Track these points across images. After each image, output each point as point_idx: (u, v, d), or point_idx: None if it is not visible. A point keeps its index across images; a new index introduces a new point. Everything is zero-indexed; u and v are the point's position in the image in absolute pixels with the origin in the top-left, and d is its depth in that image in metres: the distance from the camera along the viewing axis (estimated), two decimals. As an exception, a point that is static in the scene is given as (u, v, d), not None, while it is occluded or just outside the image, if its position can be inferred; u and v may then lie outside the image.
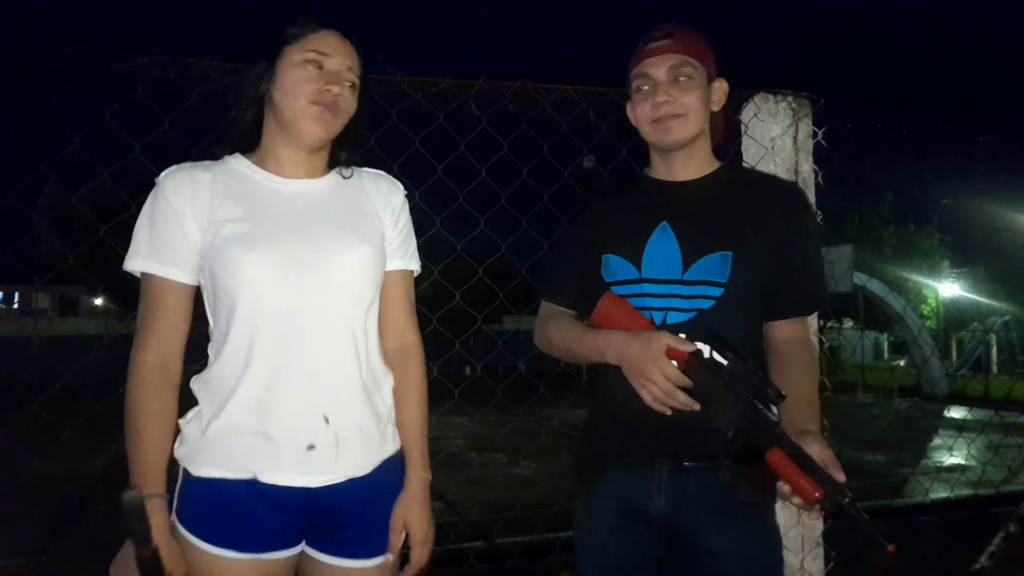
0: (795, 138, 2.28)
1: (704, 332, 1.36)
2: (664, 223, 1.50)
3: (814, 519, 1.25)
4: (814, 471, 1.20)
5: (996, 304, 19.50)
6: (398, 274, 1.49)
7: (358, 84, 1.41)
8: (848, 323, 19.54)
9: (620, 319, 1.41)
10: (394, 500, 1.42)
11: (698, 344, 1.33)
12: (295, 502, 1.30)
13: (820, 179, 2.31)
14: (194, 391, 1.35)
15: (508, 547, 3.52)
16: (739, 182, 1.56)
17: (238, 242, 1.29)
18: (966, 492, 5.80)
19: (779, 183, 1.77)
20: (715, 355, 1.32)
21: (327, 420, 1.32)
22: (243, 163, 1.40)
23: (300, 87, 1.33)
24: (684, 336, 1.35)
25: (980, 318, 20.90)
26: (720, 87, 1.54)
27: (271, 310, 1.30)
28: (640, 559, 1.47)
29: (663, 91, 1.47)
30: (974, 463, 7.32)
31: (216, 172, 1.36)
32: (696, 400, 1.32)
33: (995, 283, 19.51)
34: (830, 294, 1.60)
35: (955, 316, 21.12)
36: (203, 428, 1.30)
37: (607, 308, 1.43)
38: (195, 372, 1.37)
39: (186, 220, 1.31)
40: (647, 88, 1.50)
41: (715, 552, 1.43)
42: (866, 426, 9.07)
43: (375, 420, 1.39)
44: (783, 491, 1.24)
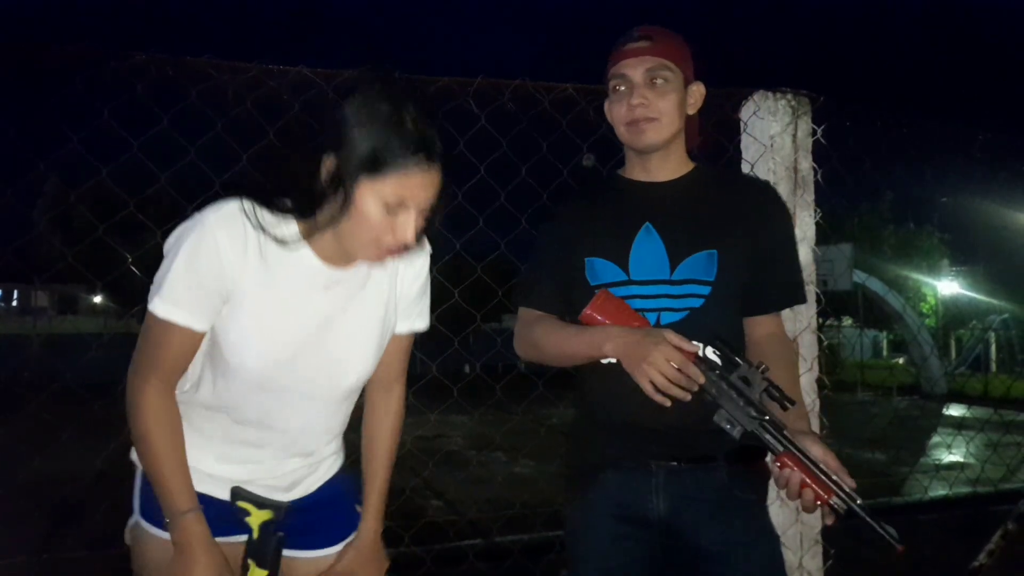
0: (794, 136, 2.28)
1: (706, 334, 1.36)
2: (647, 224, 1.50)
3: (829, 523, 1.28)
4: (824, 474, 1.25)
5: (995, 302, 19.50)
6: (406, 336, 1.47)
7: (434, 204, 1.24)
8: (847, 321, 19.52)
9: (617, 317, 1.40)
10: (348, 493, 1.46)
11: (696, 343, 1.33)
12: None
13: (819, 177, 2.31)
14: None
15: (507, 545, 3.53)
16: (714, 182, 1.58)
17: (254, 325, 1.24)
18: (965, 490, 5.80)
19: (753, 182, 1.82)
20: (713, 355, 1.32)
21: (308, 468, 1.40)
22: (292, 234, 1.25)
23: (372, 229, 1.19)
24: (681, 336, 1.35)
25: (979, 316, 20.90)
26: (697, 90, 1.54)
27: (263, 395, 1.29)
28: (641, 565, 1.46)
29: (639, 94, 1.47)
30: (973, 461, 7.33)
31: (262, 235, 1.23)
32: (700, 399, 1.31)
33: (994, 281, 19.51)
34: (803, 287, 1.63)
35: (954, 314, 21.12)
36: None
37: (602, 306, 1.41)
38: None
39: (227, 275, 1.20)
40: (623, 89, 1.50)
41: (716, 551, 1.42)
42: (865, 424, 9.07)
43: (326, 457, 1.45)
44: (792, 490, 1.28)
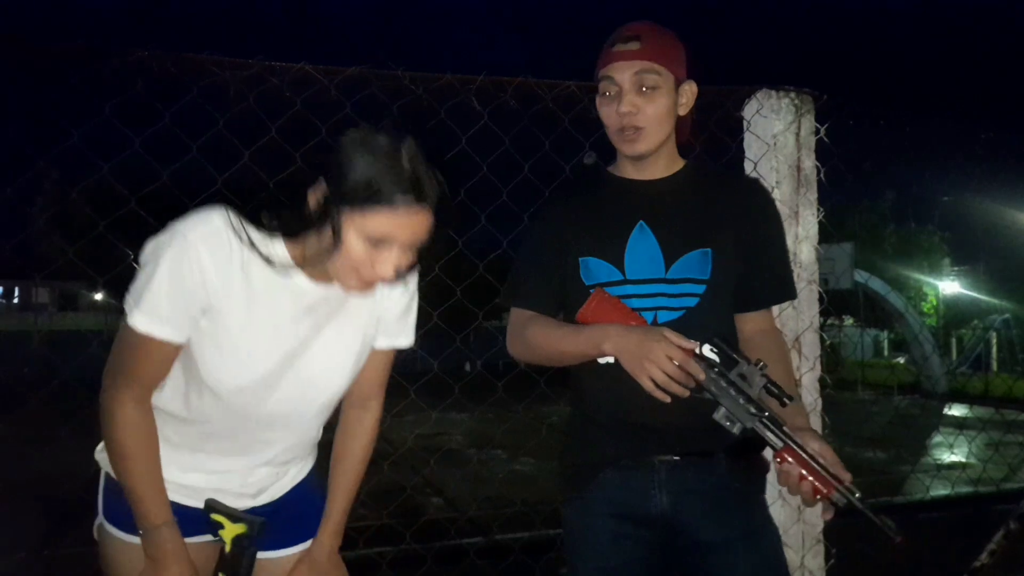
0: (797, 135, 2.27)
1: (703, 332, 1.36)
2: (641, 222, 1.49)
3: (826, 517, 1.30)
4: (824, 468, 1.27)
5: (996, 302, 19.49)
6: (386, 351, 1.44)
7: (422, 246, 1.22)
8: (849, 320, 19.51)
9: (615, 317, 1.39)
10: (315, 494, 1.45)
11: (694, 342, 1.33)
12: (204, 516, 1.33)
13: (822, 176, 2.31)
14: None
15: (507, 543, 3.53)
16: (705, 179, 1.57)
17: (234, 348, 1.22)
18: (966, 490, 5.80)
19: (742, 179, 1.83)
20: (711, 353, 1.32)
21: (276, 475, 1.40)
22: (279, 253, 1.23)
23: (355, 263, 1.16)
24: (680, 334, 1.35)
25: (980, 316, 20.89)
26: (689, 89, 1.51)
27: (245, 410, 1.28)
28: (641, 564, 1.46)
29: (627, 101, 1.45)
30: (974, 461, 7.32)
31: (246, 252, 1.20)
32: (700, 396, 1.31)
33: (995, 281, 19.51)
34: (792, 282, 1.63)
35: (955, 314, 21.11)
36: None
37: (599, 306, 1.40)
38: None
39: (210, 290, 1.18)
40: (611, 93, 1.48)
41: (719, 544, 1.43)
42: (866, 423, 9.07)
43: (295, 462, 1.44)
44: (792, 485, 1.29)
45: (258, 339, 1.23)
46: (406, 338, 1.44)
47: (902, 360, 20.43)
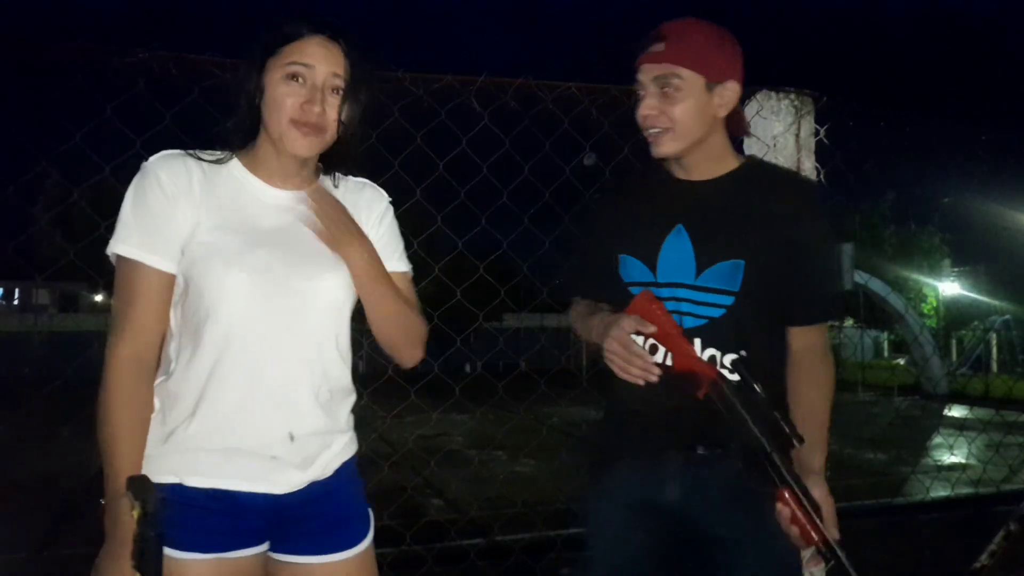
0: (797, 136, 2.27)
1: (728, 344, 1.38)
2: (679, 226, 1.47)
3: (810, 567, 1.32)
4: (817, 520, 1.29)
5: (996, 303, 19.51)
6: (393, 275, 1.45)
7: (347, 88, 1.32)
8: (849, 322, 19.52)
9: (654, 319, 1.37)
10: (354, 495, 1.41)
11: (710, 351, 1.38)
12: (257, 508, 1.28)
13: (822, 177, 2.31)
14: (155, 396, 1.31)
15: (508, 544, 3.52)
16: (756, 183, 1.51)
17: (222, 257, 1.26)
18: (967, 491, 5.79)
19: (794, 185, 1.65)
20: (729, 373, 1.33)
21: (292, 437, 1.31)
22: (237, 168, 1.35)
23: (281, 104, 1.28)
24: (699, 341, 1.40)
25: (980, 317, 20.90)
26: (728, 89, 1.45)
27: (247, 331, 1.27)
28: (653, 554, 1.47)
29: (646, 103, 1.45)
30: (975, 462, 7.32)
31: (207, 170, 1.31)
32: (712, 406, 1.32)
33: (995, 282, 19.52)
34: (842, 300, 1.62)
35: (955, 315, 21.12)
36: (163, 437, 1.27)
37: (640, 308, 1.39)
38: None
39: (178, 210, 1.26)
40: (640, 94, 1.47)
41: (729, 540, 1.43)
42: (866, 424, 9.07)
43: (338, 432, 1.39)
44: (784, 524, 1.32)
45: (242, 248, 1.27)
46: (403, 263, 1.48)
47: (902, 361, 20.44)
